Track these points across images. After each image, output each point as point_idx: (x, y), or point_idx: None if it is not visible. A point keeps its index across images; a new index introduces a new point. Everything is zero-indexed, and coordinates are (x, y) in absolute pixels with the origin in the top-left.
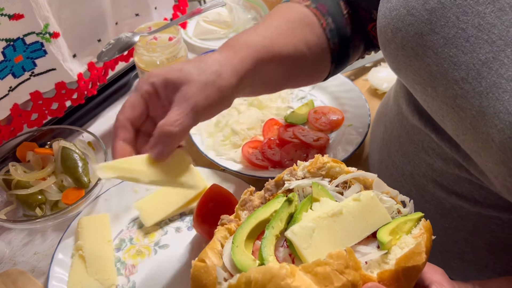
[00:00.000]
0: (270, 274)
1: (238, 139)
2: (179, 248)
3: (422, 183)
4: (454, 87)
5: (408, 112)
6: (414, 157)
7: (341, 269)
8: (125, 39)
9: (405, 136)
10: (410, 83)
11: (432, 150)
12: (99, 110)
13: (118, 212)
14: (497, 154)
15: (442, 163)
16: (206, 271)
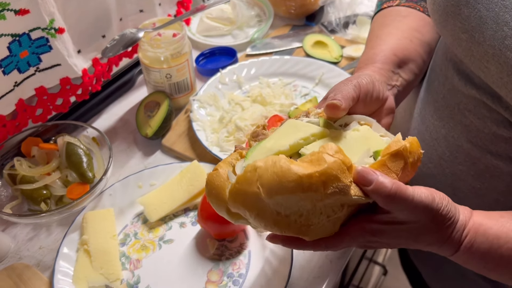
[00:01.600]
0: (272, 160)
1: (242, 135)
2: (184, 243)
3: (456, 145)
4: (503, 28)
5: (448, 73)
6: (449, 120)
7: (332, 153)
8: (129, 35)
9: (441, 100)
10: (456, 34)
11: (468, 111)
12: (103, 106)
13: (122, 207)
14: None
15: (479, 123)
16: (218, 175)
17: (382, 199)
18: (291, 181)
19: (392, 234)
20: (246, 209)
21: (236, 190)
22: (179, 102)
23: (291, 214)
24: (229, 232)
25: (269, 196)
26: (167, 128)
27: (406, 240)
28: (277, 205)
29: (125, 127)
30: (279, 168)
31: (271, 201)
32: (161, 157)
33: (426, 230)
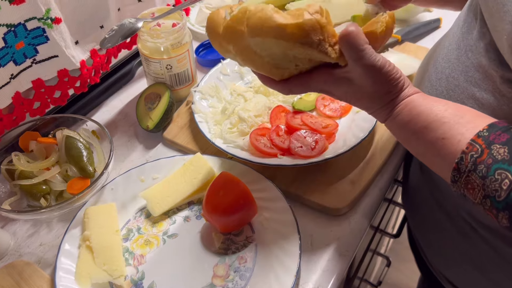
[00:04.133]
0: (261, 6)
1: (246, 127)
2: (188, 237)
3: (454, 84)
4: None
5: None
6: (455, 61)
7: (312, 12)
8: (128, 25)
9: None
10: None
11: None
12: (102, 98)
13: (124, 202)
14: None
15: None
16: (218, 13)
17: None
18: (269, 27)
19: (342, 88)
20: (232, 44)
21: (228, 26)
22: (180, 94)
23: (265, 56)
24: (235, 225)
25: (251, 36)
26: (169, 121)
27: (351, 96)
28: (256, 45)
29: (125, 120)
30: (264, 14)
31: (252, 41)
32: (163, 150)
33: (368, 94)
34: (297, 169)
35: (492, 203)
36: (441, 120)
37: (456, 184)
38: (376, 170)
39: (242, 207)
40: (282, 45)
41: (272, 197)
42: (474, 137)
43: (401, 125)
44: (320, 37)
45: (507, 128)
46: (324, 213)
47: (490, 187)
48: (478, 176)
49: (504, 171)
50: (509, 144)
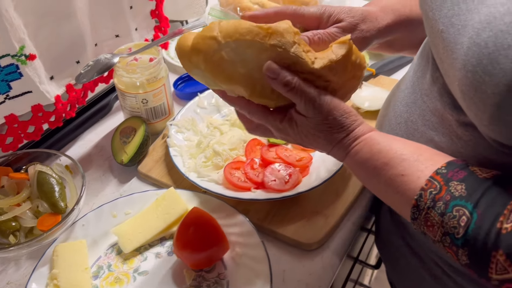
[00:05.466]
0: (234, 19)
1: (220, 160)
2: (159, 274)
3: (413, 128)
4: (454, 8)
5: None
6: (412, 105)
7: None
8: (104, 60)
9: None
10: (426, 12)
11: (427, 96)
12: (78, 132)
13: (96, 238)
14: (462, 59)
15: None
16: (190, 33)
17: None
18: (243, 27)
19: (297, 128)
20: (202, 54)
21: (199, 36)
22: (156, 127)
23: (237, 62)
24: (206, 262)
25: (224, 39)
26: (144, 154)
27: (306, 136)
28: (228, 51)
29: (100, 154)
30: (238, 21)
31: (224, 45)
32: (137, 185)
33: (321, 132)
34: (271, 203)
35: (451, 240)
36: (400, 157)
37: (416, 221)
38: (349, 204)
39: (212, 244)
40: (256, 47)
41: (245, 232)
42: (433, 174)
43: (361, 163)
44: (295, 40)
45: (464, 165)
46: (297, 247)
47: (449, 224)
48: (437, 213)
49: (462, 207)
50: (466, 181)
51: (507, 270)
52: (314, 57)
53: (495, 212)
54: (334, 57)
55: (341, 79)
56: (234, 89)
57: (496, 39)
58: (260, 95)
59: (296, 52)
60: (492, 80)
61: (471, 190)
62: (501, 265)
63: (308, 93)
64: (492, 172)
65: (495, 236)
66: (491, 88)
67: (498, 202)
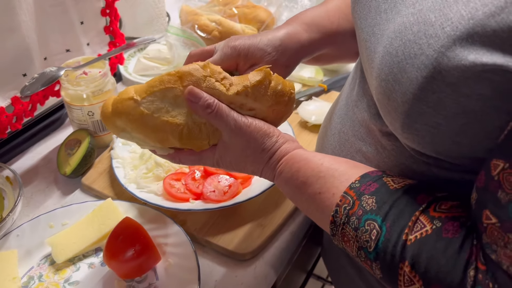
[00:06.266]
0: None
1: (162, 171)
2: (90, 284)
3: (344, 139)
4: (377, 17)
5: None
6: (344, 117)
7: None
8: (49, 73)
9: (344, 100)
10: (356, 21)
11: (357, 107)
12: (27, 145)
13: (30, 248)
14: (377, 67)
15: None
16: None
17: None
18: (155, 81)
19: (226, 156)
20: (124, 117)
21: (116, 101)
22: (104, 140)
23: (160, 114)
24: (136, 272)
25: (141, 96)
26: (88, 166)
27: (235, 163)
28: (148, 105)
29: (47, 166)
30: (150, 79)
31: (143, 102)
32: (80, 196)
33: (246, 156)
34: (209, 214)
35: (365, 254)
36: (317, 174)
37: (335, 237)
38: (287, 214)
39: (141, 253)
40: (172, 93)
41: (179, 242)
42: (346, 189)
43: (284, 183)
44: (204, 73)
45: (379, 177)
46: (231, 258)
47: (362, 238)
48: (351, 228)
49: (372, 221)
50: (377, 194)
51: (412, 281)
52: (229, 84)
53: (401, 224)
54: (248, 83)
55: (264, 105)
56: (163, 141)
57: (404, 48)
58: (189, 137)
59: (209, 85)
60: (401, 88)
61: (380, 203)
62: (407, 276)
63: (228, 115)
64: (405, 181)
65: (401, 248)
66: (400, 97)
67: (405, 213)
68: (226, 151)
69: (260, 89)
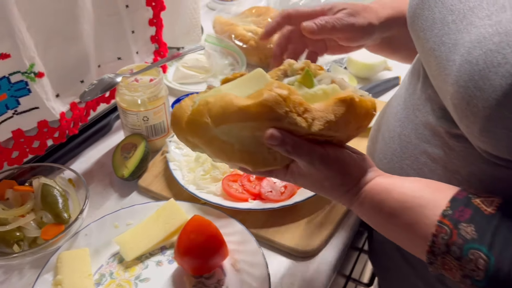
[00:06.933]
0: (220, 96)
1: (219, 173)
2: (160, 281)
3: (406, 142)
4: (445, 28)
5: (413, 79)
6: (405, 120)
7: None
8: (107, 79)
9: (402, 104)
10: (417, 33)
11: (419, 111)
12: (80, 149)
13: (98, 247)
14: (454, 75)
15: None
16: (180, 107)
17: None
18: (232, 112)
19: (300, 181)
20: (198, 137)
21: (191, 120)
22: (156, 144)
23: (234, 143)
24: (206, 268)
25: (216, 125)
26: (144, 169)
27: (310, 187)
28: (222, 133)
29: (101, 170)
30: (224, 102)
31: (218, 130)
32: (137, 198)
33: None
34: (267, 213)
35: (472, 282)
36: (403, 205)
37: (432, 265)
38: (344, 211)
39: (213, 249)
40: (250, 127)
41: (243, 240)
42: (440, 218)
43: (367, 214)
44: (286, 108)
45: (467, 200)
46: (293, 255)
47: (467, 267)
48: (453, 258)
49: (476, 250)
50: (474, 222)
51: None
52: (312, 118)
53: (510, 251)
54: (332, 117)
55: (345, 133)
56: (235, 163)
57: (486, 57)
58: (264, 165)
59: (291, 122)
60: (483, 95)
61: (481, 231)
62: None
63: (310, 154)
64: (494, 201)
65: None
66: (481, 102)
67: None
68: (301, 177)
69: (344, 120)
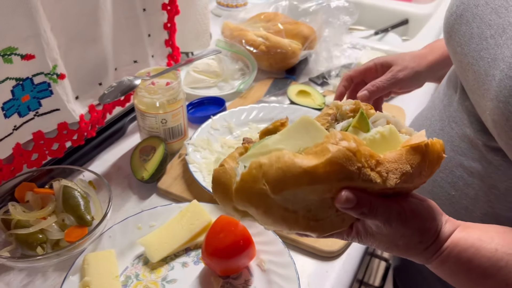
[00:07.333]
0: (275, 155)
1: None
2: (188, 282)
3: None
4: (483, 42)
5: (449, 91)
6: (440, 131)
7: (336, 142)
8: (127, 82)
9: (437, 115)
10: (454, 48)
11: (455, 123)
12: (95, 152)
13: (122, 249)
14: (494, 90)
15: (461, 133)
16: (224, 172)
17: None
18: (296, 175)
19: (370, 240)
20: (252, 206)
21: (242, 188)
22: (173, 147)
23: (299, 210)
24: (234, 269)
25: (276, 193)
26: (163, 172)
27: (382, 247)
28: (284, 200)
29: (118, 173)
30: (283, 163)
31: (278, 197)
32: (157, 200)
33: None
34: None
35: None
36: (497, 264)
37: None
38: None
39: (242, 249)
40: (319, 190)
41: (269, 240)
42: None
43: (449, 272)
44: (358, 164)
45: None
46: (318, 256)
47: None
48: None
49: None
50: None
51: None
52: (386, 171)
53: None
54: (409, 168)
55: (417, 183)
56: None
57: None
58: (331, 230)
59: (364, 178)
60: None
61: None
62: None
63: (387, 213)
64: None
65: None
66: None
67: None
68: (369, 237)
69: (418, 169)
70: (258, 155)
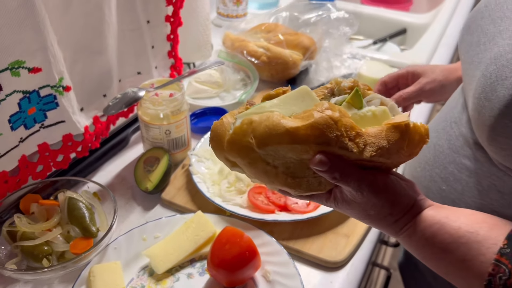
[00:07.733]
0: (266, 115)
1: (243, 185)
2: None
3: (439, 151)
4: (476, 49)
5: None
6: (441, 131)
7: (321, 110)
8: (131, 93)
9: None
10: (460, 56)
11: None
12: (99, 163)
13: (128, 261)
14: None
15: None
16: (221, 124)
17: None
18: (279, 133)
19: (344, 209)
20: (240, 157)
21: (233, 140)
22: (176, 158)
23: (279, 165)
24: (240, 280)
25: (260, 147)
26: (167, 183)
27: (354, 216)
28: (267, 155)
29: (122, 184)
30: (271, 122)
31: (262, 152)
32: (161, 211)
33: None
34: (293, 225)
35: None
36: (457, 240)
37: None
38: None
39: (248, 260)
40: (297, 150)
41: (274, 251)
42: (497, 257)
43: (415, 246)
44: (337, 132)
45: None
46: (321, 266)
47: None
48: None
49: None
50: None
51: None
52: (363, 143)
53: None
54: (385, 144)
55: (395, 160)
56: (276, 186)
57: (498, 72)
58: (307, 190)
59: (341, 146)
60: (490, 104)
61: None
62: None
63: (359, 182)
64: None
65: None
66: (488, 112)
67: None
68: (344, 204)
69: (396, 147)
70: (253, 114)
